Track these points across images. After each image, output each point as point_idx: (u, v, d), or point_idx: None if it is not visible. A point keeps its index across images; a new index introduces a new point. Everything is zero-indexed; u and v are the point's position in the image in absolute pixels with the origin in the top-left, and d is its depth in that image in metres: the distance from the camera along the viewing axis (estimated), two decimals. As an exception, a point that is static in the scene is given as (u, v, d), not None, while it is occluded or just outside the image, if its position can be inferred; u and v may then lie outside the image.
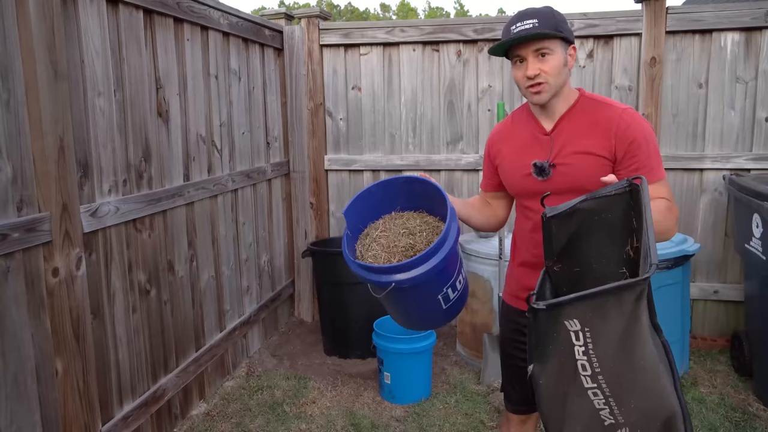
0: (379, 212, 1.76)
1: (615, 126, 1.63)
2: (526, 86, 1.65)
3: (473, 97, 4.01)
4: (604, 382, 1.24)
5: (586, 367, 1.23)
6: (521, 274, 1.87)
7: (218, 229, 3.28)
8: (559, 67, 1.62)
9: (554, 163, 1.68)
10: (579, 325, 1.21)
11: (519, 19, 1.62)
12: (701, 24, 3.61)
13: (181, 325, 2.92)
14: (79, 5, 2.19)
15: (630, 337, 1.21)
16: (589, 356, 1.22)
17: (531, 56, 1.62)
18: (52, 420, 2.06)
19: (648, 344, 1.23)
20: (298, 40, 4.12)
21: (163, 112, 2.75)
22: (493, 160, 1.90)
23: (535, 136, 1.73)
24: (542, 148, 1.71)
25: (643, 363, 1.23)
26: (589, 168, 1.63)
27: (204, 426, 2.91)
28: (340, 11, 35.41)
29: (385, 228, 1.69)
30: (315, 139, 4.23)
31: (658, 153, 1.65)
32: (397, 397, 3.16)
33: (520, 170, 1.76)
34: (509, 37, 1.61)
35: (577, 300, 1.20)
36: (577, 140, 1.66)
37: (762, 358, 3.09)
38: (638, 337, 1.22)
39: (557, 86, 1.64)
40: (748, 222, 3.10)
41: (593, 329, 1.21)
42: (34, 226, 1.94)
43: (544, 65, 1.61)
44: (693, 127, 3.74)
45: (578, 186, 1.62)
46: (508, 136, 1.84)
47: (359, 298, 3.68)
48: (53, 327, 2.05)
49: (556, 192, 1.65)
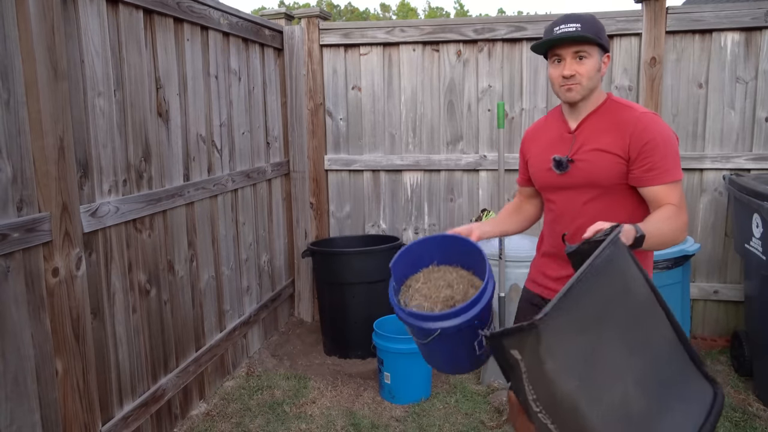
0: (417, 266, 1.93)
1: (632, 126, 1.72)
2: (561, 84, 1.77)
3: (473, 97, 4.01)
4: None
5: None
6: (543, 263, 2.01)
7: (218, 229, 3.28)
8: (594, 70, 1.74)
9: (573, 159, 1.80)
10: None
11: (563, 22, 1.74)
12: (701, 24, 3.61)
13: (181, 325, 2.92)
14: (79, 5, 2.19)
15: (541, 375, 1.24)
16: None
17: (570, 57, 1.73)
18: (52, 420, 2.06)
19: (560, 385, 1.22)
20: (298, 40, 4.12)
21: (163, 112, 2.75)
22: (524, 156, 2.04)
23: (561, 134, 1.87)
24: (565, 145, 1.84)
25: (563, 402, 1.22)
26: (603, 165, 1.75)
27: (204, 426, 2.91)
28: (340, 11, 35.41)
29: (425, 280, 1.85)
30: (315, 139, 4.23)
31: (675, 157, 1.71)
32: (397, 397, 3.16)
33: (543, 164, 1.89)
34: (552, 36, 1.73)
35: (512, 332, 1.24)
36: (596, 139, 1.77)
37: (762, 358, 3.09)
38: (549, 375, 1.22)
39: (589, 88, 1.76)
40: (748, 222, 3.10)
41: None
42: (34, 226, 1.94)
43: (581, 67, 1.73)
44: (693, 127, 3.74)
45: (593, 181, 1.77)
46: (540, 133, 1.97)
47: (359, 298, 3.69)
48: (53, 327, 2.05)
49: (574, 186, 1.81)
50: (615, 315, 1.30)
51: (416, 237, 4.21)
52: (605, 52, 1.78)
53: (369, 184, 4.25)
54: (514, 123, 3.96)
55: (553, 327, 1.21)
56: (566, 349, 1.23)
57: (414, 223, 4.21)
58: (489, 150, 4.02)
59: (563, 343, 1.23)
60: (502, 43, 3.90)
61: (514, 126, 3.96)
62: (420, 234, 4.20)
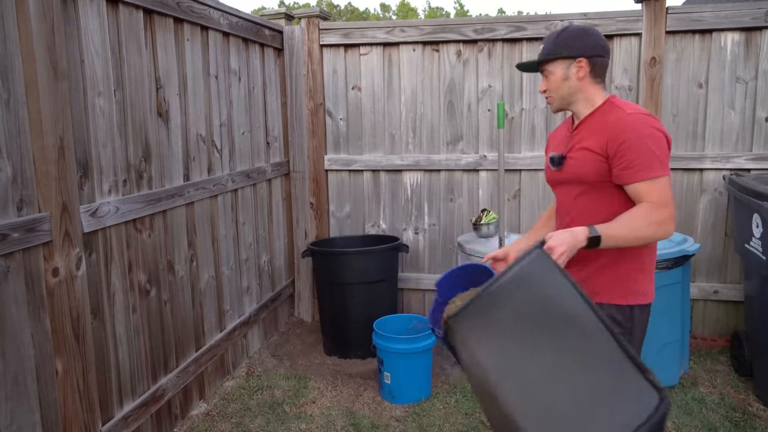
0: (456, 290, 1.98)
1: (613, 126, 1.80)
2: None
3: (473, 97, 4.01)
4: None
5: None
6: None
7: (218, 229, 3.28)
8: (558, 83, 1.91)
9: (566, 156, 1.93)
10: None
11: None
12: (701, 24, 3.61)
13: (181, 325, 2.92)
14: (79, 5, 2.19)
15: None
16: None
17: (542, 76, 1.96)
18: (52, 420, 2.06)
19: (477, 376, 1.43)
20: (298, 40, 4.12)
21: (163, 112, 2.75)
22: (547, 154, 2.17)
23: (565, 134, 2.01)
24: (565, 143, 1.98)
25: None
26: (587, 162, 1.85)
27: (204, 426, 2.91)
28: (340, 11, 35.40)
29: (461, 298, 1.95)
30: (315, 139, 4.23)
31: (653, 154, 1.74)
32: (397, 397, 3.16)
33: (547, 161, 2.04)
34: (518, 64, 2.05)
35: (441, 323, 1.52)
36: (586, 138, 1.88)
37: (762, 358, 3.09)
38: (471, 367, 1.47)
39: (561, 98, 1.93)
40: (748, 222, 3.10)
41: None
42: (34, 226, 1.94)
43: (548, 83, 1.94)
44: (693, 127, 3.74)
45: (579, 177, 1.88)
46: (556, 134, 2.12)
47: (359, 298, 3.69)
48: (53, 327, 2.05)
49: (566, 182, 1.94)
50: (539, 323, 1.42)
51: (416, 237, 4.21)
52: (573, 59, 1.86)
53: (369, 184, 4.25)
54: (514, 123, 3.96)
55: (465, 326, 1.46)
56: (487, 348, 1.42)
57: (414, 223, 4.22)
58: (489, 150, 4.02)
59: (482, 342, 1.43)
60: (502, 43, 3.90)
61: (514, 126, 3.96)
62: (420, 234, 4.20)
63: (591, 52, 1.86)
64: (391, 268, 3.86)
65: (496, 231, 3.59)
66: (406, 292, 4.27)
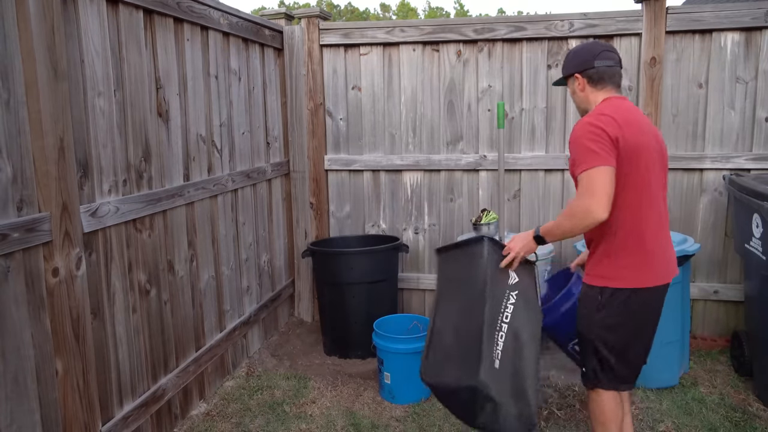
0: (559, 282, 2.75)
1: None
2: None
3: (473, 97, 4.01)
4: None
5: None
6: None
7: (218, 229, 3.28)
8: (573, 96, 2.31)
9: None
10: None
11: None
12: (701, 24, 3.61)
13: (181, 325, 2.92)
14: (79, 5, 2.19)
15: None
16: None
17: None
18: (52, 420, 2.06)
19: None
20: (298, 40, 4.12)
21: (163, 112, 2.75)
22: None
23: None
24: None
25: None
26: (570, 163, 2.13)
27: (204, 426, 2.91)
28: (340, 11, 35.40)
29: None
30: (315, 139, 4.23)
31: (586, 149, 1.99)
32: (397, 397, 3.16)
33: None
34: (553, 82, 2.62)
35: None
36: None
37: (762, 358, 3.09)
38: None
39: (578, 106, 2.31)
40: (748, 222, 3.10)
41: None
42: (34, 226, 1.94)
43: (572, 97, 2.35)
44: (693, 127, 3.74)
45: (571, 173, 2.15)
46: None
47: (359, 298, 3.69)
48: (53, 327, 2.05)
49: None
50: (461, 285, 2.31)
51: (416, 237, 4.21)
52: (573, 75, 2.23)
53: (369, 184, 4.25)
54: (514, 123, 3.96)
55: (440, 260, 2.48)
56: (443, 280, 2.43)
57: (414, 223, 4.22)
58: (489, 150, 4.02)
59: (441, 276, 2.45)
60: (502, 43, 3.90)
61: (514, 126, 3.96)
62: (420, 234, 4.20)
63: (582, 67, 2.20)
64: (391, 268, 3.86)
65: (496, 231, 3.59)
66: (406, 292, 4.27)
